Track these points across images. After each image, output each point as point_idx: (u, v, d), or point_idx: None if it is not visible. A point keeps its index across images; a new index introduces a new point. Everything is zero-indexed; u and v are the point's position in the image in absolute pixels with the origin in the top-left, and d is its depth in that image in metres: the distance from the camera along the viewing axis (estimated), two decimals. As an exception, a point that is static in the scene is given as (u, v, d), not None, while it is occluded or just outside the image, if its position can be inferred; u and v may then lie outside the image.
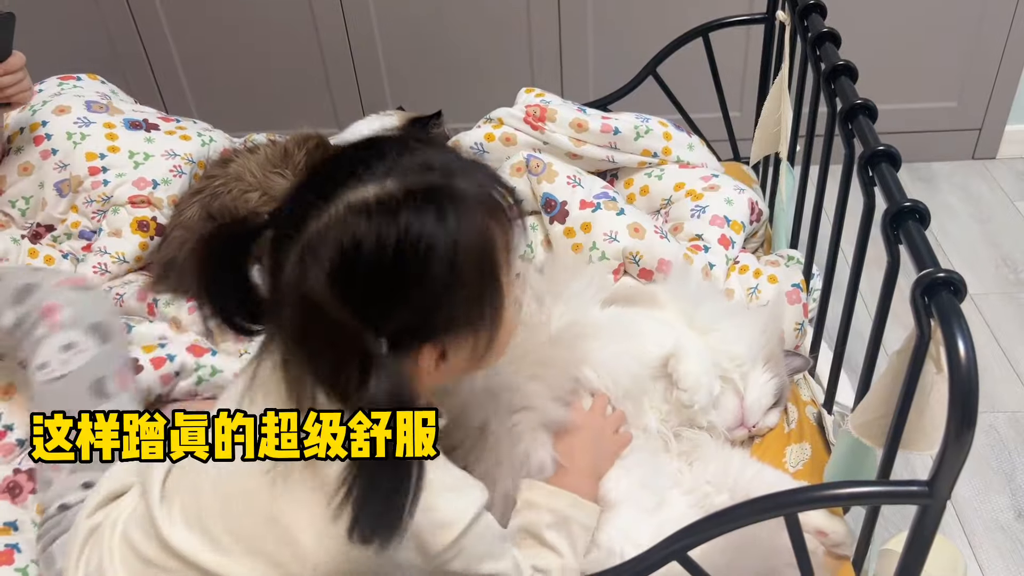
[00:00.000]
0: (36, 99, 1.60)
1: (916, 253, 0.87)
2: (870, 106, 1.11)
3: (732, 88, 2.00)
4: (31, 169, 1.54)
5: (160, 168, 1.56)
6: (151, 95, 2.59)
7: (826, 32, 1.30)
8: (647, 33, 2.19)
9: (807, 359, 1.33)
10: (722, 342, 1.19)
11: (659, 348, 1.15)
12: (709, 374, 1.14)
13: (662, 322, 1.21)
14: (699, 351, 1.15)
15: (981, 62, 2.44)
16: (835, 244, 1.23)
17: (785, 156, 1.52)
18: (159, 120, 1.67)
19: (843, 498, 0.86)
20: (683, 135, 1.62)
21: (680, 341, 1.15)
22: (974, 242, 2.32)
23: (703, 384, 1.12)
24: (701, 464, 1.13)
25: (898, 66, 2.45)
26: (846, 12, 2.29)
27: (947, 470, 0.78)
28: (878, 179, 1.01)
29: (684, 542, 0.86)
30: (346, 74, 2.55)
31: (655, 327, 1.20)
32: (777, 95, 1.55)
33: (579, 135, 1.56)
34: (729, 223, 1.45)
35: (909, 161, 2.60)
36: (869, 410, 0.94)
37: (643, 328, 1.19)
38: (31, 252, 1.49)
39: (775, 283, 1.38)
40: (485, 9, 2.41)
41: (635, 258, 1.38)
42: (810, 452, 1.18)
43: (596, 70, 2.50)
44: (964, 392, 0.75)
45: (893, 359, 0.90)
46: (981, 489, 1.68)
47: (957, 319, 0.79)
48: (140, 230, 1.51)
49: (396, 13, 2.43)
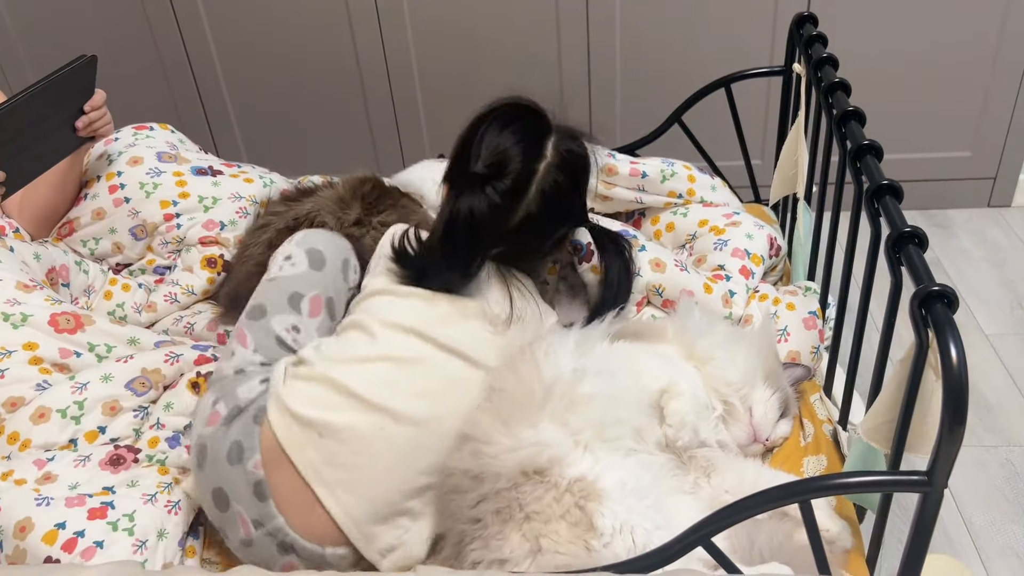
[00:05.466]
0: (112, 148, 1.75)
1: (914, 271, 0.97)
2: (876, 146, 1.22)
3: (754, 136, 2.10)
4: (103, 215, 1.67)
5: (227, 211, 1.70)
6: (206, 142, 2.74)
7: (837, 83, 1.42)
8: (672, 83, 2.29)
9: (807, 368, 1.42)
10: (719, 369, 1.28)
11: (655, 383, 1.23)
12: (697, 414, 1.22)
13: (663, 357, 1.30)
14: (692, 391, 1.23)
15: (994, 113, 2.53)
16: (847, 273, 1.33)
17: (802, 196, 1.62)
18: (223, 166, 1.80)
19: (852, 486, 0.95)
20: (706, 178, 1.74)
21: (674, 378, 1.24)
22: (990, 285, 2.38)
23: (688, 423, 1.20)
24: (718, 476, 1.20)
25: (913, 117, 2.54)
26: (861, 65, 2.41)
27: (943, 460, 0.87)
28: (882, 210, 1.11)
29: (707, 529, 0.95)
30: (387, 120, 2.68)
31: (654, 362, 1.28)
32: (794, 140, 1.66)
33: (609, 179, 1.68)
34: (749, 256, 1.56)
35: (925, 208, 2.69)
36: (876, 415, 1.03)
37: (641, 362, 1.27)
38: (111, 281, 1.65)
39: (793, 310, 1.48)
40: (518, 60, 2.53)
41: (658, 290, 1.48)
42: (826, 463, 1.26)
43: (623, 118, 2.60)
44: (956, 390, 0.84)
45: (897, 367, 0.99)
46: (997, 519, 1.73)
47: (950, 327, 0.88)
48: (209, 267, 1.65)
49: (435, 64, 2.56)
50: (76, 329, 1.38)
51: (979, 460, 1.85)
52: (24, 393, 1.29)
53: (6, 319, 1.33)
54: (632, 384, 1.22)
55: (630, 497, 1.08)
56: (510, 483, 1.09)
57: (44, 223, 1.69)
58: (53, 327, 1.36)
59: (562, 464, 1.10)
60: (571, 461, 1.11)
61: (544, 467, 1.10)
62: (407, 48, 2.54)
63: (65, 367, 1.35)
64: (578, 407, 1.15)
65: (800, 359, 1.43)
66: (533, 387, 1.17)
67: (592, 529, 1.05)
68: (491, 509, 1.09)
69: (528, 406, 1.15)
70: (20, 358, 1.32)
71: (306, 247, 1.30)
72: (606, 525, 1.05)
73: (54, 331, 1.36)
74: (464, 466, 1.13)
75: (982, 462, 1.84)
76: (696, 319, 1.35)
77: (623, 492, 1.08)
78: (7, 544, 1.15)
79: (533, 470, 1.10)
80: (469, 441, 1.15)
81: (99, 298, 1.62)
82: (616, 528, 1.05)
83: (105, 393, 1.31)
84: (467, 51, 2.54)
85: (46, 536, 1.14)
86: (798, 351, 1.44)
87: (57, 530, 1.15)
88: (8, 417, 1.27)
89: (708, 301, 1.47)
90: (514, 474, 1.10)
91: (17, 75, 2.67)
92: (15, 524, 1.15)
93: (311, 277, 1.28)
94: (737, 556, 1.07)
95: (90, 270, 1.64)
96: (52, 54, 2.58)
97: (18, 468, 1.22)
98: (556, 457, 1.10)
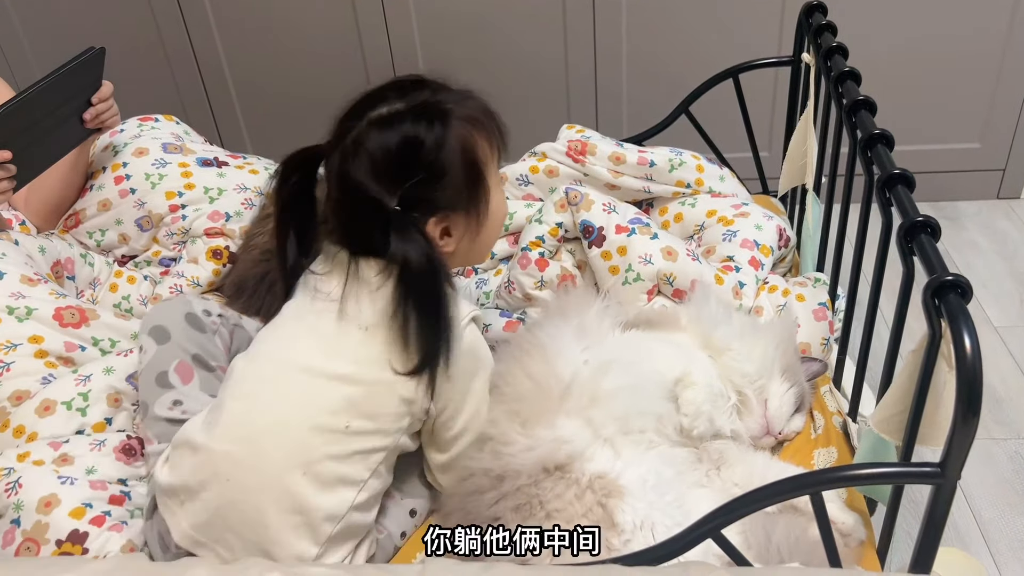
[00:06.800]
0: (118, 139, 1.74)
1: (927, 261, 0.96)
2: (887, 135, 1.21)
3: (761, 127, 2.09)
4: (109, 205, 1.67)
5: (232, 202, 1.69)
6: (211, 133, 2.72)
7: (847, 71, 1.40)
8: (678, 74, 2.28)
9: (823, 363, 1.41)
10: (735, 361, 1.27)
11: (670, 371, 1.22)
12: (712, 403, 1.21)
13: (677, 345, 1.29)
14: (707, 380, 1.22)
15: (1004, 104, 2.51)
16: (857, 264, 1.32)
17: (811, 187, 1.61)
18: (228, 157, 1.80)
19: (864, 478, 0.94)
20: (715, 168, 1.73)
21: (688, 368, 1.23)
22: (1000, 277, 2.37)
23: (703, 413, 1.19)
24: (728, 468, 1.19)
25: (922, 108, 2.53)
26: (869, 56, 2.39)
27: (956, 452, 0.86)
28: (894, 199, 1.10)
29: (717, 521, 0.94)
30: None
31: (668, 351, 1.27)
32: (803, 130, 1.65)
33: (617, 167, 1.67)
34: (759, 246, 1.54)
35: (934, 199, 2.67)
36: (888, 407, 1.02)
37: (656, 352, 1.26)
38: (117, 273, 1.64)
39: (803, 301, 1.47)
40: (524, 50, 2.52)
41: (669, 279, 1.47)
42: (836, 455, 1.25)
43: (630, 110, 2.59)
44: (970, 380, 0.83)
45: (909, 358, 0.98)
46: (1006, 511, 1.72)
47: (964, 317, 0.87)
48: (214, 258, 1.64)
49: (440, 55, 2.56)
50: (80, 324, 1.38)
51: (989, 453, 1.84)
52: (29, 386, 1.29)
53: (11, 312, 1.33)
54: (652, 373, 1.21)
55: (651, 493, 1.08)
56: (531, 479, 1.08)
57: (50, 215, 1.69)
58: (57, 321, 1.36)
59: (582, 459, 1.09)
60: (590, 455, 1.10)
61: (564, 463, 1.09)
62: (412, 40, 2.53)
63: (70, 360, 1.35)
64: (601, 402, 1.14)
65: (810, 351, 1.42)
66: (549, 385, 1.16)
67: (613, 527, 1.04)
68: (510, 506, 1.08)
69: (545, 405, 1.14)
70: (26, 351, 1.31)
71: (148, 330, 1.27)
72: (627, 521, 1.04)
73: (58, 325, 1.36)
74: (485, 466, 1.12)
75: (992, 455, 1.83)
76: (712, 307, 1.34)
77: (644, 488, 1.08)
78: (26, 519, 1.14)
79: (554, 466, 1.09)
80: (488, 441, 1.15)
81: (105, 290, 1.62)
82: (637, 524, 1.04)
83: (108, 384, 1.31)
84: (473, 41, 2.52)
85: (73, 512, 1.15)
86: (808, 343, 1.43)
87: (84, 507, 1.16)
88: (13, 411, 1.27)
89: (719, 292, 1.45)
90: (535, 470, 1.09)
91: (23, 68, 2.66)
92: (39, 499, 1.15)
93: (164, 352, 1.24)
94: (753, 552, 1.06)
95: (95, 262, 1.64)
96: (56, 46, 2.57)
97: (34, 451, 1.23)
98: (575, 452, 1.10)
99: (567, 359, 1.18)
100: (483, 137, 1.17)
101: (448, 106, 1.14)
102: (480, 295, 1.64)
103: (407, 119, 1.11)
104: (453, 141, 1.12)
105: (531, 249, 1.57)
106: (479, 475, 1.12)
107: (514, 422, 1.14)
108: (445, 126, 1.12)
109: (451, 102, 1.15)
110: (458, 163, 1.13)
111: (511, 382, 1.19)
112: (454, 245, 1.18)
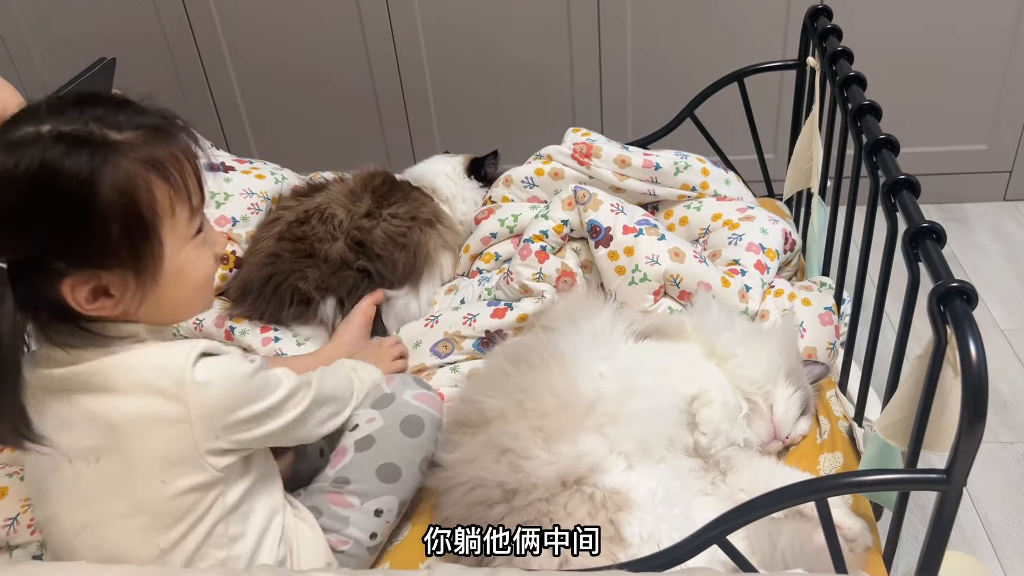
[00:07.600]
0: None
1: (932, 267, 0.96)
2: (892, 140, 1.21)
3: (766, 131, 2.09)
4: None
5: (239, 206, 1.70)
6: (217, 139, 2.74)
7: (853, 76, 1.40)
8: (683, 79, 2.28)
9: (826, 366, 1.41)
10: (740, 367, 1.27)
11: (687, 388, 1.22)
12: (730, 421, 1.21)
13: (689, 359, 1.29)
14: (723, 398, 1.22)
15: (1010, 106, 2.50)
16: (863, 268, 1.32)
17: (817, 191, 1.61)
18: (234, 162, 1.80)
19: (869, 484, 0.94)
20: (720, 171, 1.73)
21: (706, 385, 1.22)
22: (1006, 279, 2.36)
23: (721, 432, 1.19)
24: (734, 474, 1.20)
25: (928, 110, 2.52)
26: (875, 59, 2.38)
27: (962, 458, 0.85)
28: (899, 205, 1.10)
29: (723, 527, 0.94)
30: (398, 119, 2.67)
31: (685, 365, 1.27)
32: (808, 134, 1.64)
33: (622, 170, 1.67)
34: (764, 250, 1.54)
35: (941, 202, 2.67)
36: (893, 412, 1.02)
37: (673, 367, 1.25)
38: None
39: (808, 306, 1.46)
40: (529, 56, 2.52)
41: (675, 280, 1.47)
42: (842, 460, 1.25)
43: (635, 114, 2.59)
44: (975, 388, 0.83)
45: (915, 364, 0.98)
46: (1014, 515, 1.72)
47: (969, 324, 0.87)
48: (220, 262, 1.64)
49: (446, 62, 2.55)
50: None
51: (996, 456, 1.83)
52: None
53: None
54: (671, 395, 1.21)
55: (660, 506, 1.08)
56: (547, 492, 1.08)
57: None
58: None
59: (599, 471, 1.09)
60: (607, 467, 1.10)
61: (583, 475, 1.09)
62: (419, 46, 2.53)
63: None
64: (621, 421, 1.14)
65: (816, 355, 1.42)
66: (573, 403, 1.15)
67: (621, 541, 1.04)
68: (518, 523, 1.07)
69: (569, 421, 1.14)
70: None
71: None
72: (633, 534, 1.04)
73: None
74: (500, 478, 1.11)
75: (999, 458, 1.83)
76: (715, 315, 1.34)
77: (653, 501, 1.08)
78: None
79: (574, 479, 1.09)
80: (507, 453, 1.13)
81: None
82: (644, 537, 1.04)
83: None
84: (478, 49, 2.52)
85: None
86: (814, 347, 1.43)
87: None
88: None
89: (725, 295, 1.45)
90: (553, 484, 1.09)
91: (31, 73, 2.67)
92: None
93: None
94: (758, 559, 1.06)
95: None
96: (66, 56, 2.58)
97: None
98: (595, 464, 1.10)
99: (586, 371, 1.18)
100: (161, 183, 0.90)
101: (115, 138, 0.88)
102: (483, 292, 1.63)
103: (47, 146, 0.84)
104: (108, 184, 0.86)
105: (533, 242, 1.57)
106: (491, 487, 1.11)
107: (537, 437, 1.13)
108: (102, 163, 0.86)
109: (126, 131, 0.89)
110: (115, 213, 0.87)
111: (535, 398, 1.17)
112: (117, 308, 0.92)
